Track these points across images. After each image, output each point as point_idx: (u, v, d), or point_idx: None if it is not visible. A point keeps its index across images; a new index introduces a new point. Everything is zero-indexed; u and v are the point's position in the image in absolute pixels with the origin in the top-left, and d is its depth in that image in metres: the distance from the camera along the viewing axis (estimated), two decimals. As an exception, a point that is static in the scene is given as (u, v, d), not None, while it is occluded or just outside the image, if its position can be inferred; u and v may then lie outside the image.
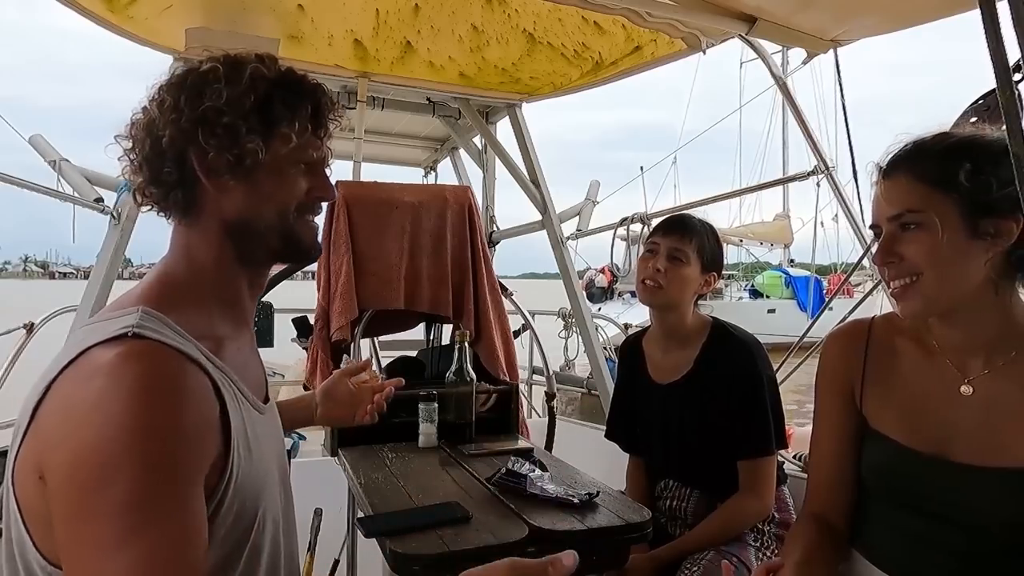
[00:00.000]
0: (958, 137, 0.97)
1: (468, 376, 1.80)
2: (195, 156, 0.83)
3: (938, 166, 0.94)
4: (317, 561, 2.05)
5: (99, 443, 0.67)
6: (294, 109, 0.87)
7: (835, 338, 1.18)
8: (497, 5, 2.36)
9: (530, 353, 4.22)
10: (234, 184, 0.85)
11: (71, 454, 0.68)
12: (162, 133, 0.83)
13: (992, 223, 0.92)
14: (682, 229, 1.63)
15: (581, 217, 3.38)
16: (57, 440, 0.70)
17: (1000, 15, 0.66)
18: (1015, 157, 0.65)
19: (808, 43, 1.90)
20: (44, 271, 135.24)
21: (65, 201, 2.39)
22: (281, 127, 0.86)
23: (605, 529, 1.24)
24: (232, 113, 0.83)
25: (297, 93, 0.88)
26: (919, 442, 1.00)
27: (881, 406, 1.08)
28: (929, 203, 0.94)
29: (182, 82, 0.85)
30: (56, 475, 0.69)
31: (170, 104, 0.83)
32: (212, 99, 0.82)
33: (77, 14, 2.14)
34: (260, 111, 0.84)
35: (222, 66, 0.84)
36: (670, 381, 1.66)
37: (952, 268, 0.93)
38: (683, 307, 1.63)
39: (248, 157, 0.84)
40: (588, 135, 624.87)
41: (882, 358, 1.09)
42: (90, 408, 0.70)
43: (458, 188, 2.46)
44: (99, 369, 0.72)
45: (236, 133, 0.83)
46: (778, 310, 18.49)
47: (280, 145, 0.87)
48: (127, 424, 0.68)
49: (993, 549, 0.94)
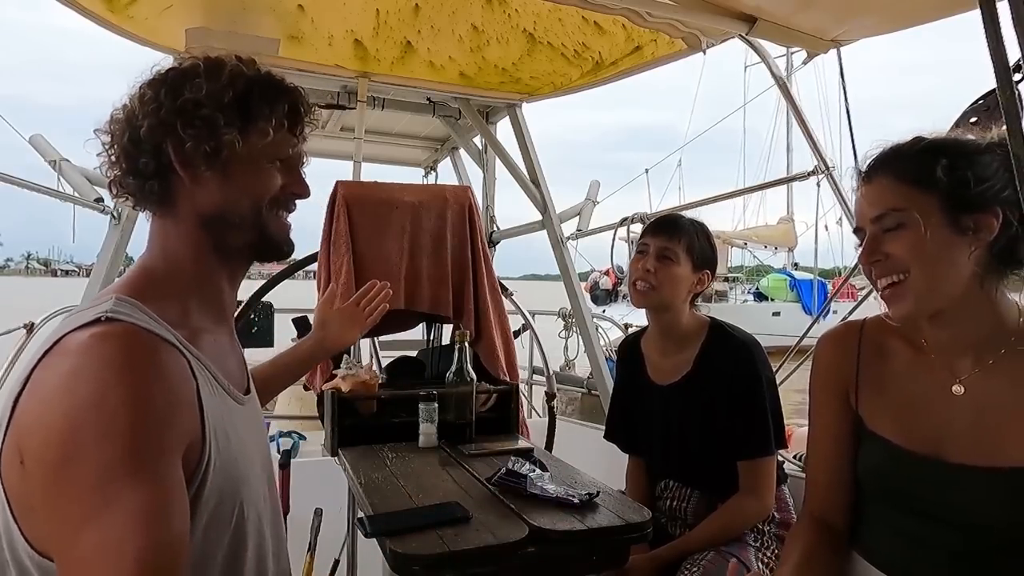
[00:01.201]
0: (932, 138, 1.00)
1: (468, 376, 1.80)
2: (172, 147, 0.85)
3: (916, 165, 0.97)
4: (317, 561, 2.05)
5: (68, 420, 0.68)
6: (272, 105, 0.89)
7: (828, 340, 1.18)
8: (497, 5, 2.36)
9: (530, 353, 4.23)
10: (210, 176, 0.87)
11: (43, 433, 0.69)
12: (140, 124, 0.85)
13: (972, 218, 0.94)
14: (671, 229, 1.63)
15: (581, 217, 3.38)
16: (31, 422, 0.71)
17: (1000, 15, 0.66)
18: (1015, 157, 0.65)
19: (808, 43, 1.90)
20: (46, 269, 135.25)
21: (65, 201, 2.40)
22: (258, 122, 0.88)
23: (605, 529, 1.24)
24: (211, 105, 0.85)
25: (275, 90, 0.91)
26: (913, 443, 1.01)
27: (875, 407, 1.08)
28: (910, 201, 0.96)
29: (163, 78, 0.87)
30: (31, 456, 0.70)
31: (150, 96, 0.85)
32: (192, 92, 0.84)
33: (77, 14, 2.14)
34: (238, 105, 0.87)
35: (202, 64, 0.87)
36: (670, 382, 1.65)
37: (938, 264, 0.95)
38: (677, 307, 1.63)
39: (225, 149, 0.86)
40: (589, 136, 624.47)
41: (874, 359, 1.10)
42: (60, 387, 0.71)
43: (458, 188, 2.46)
44: (71, 350, 0.73)
45: (214, 125, 0.85)
46: (783, 313, 18.53)
47: (257, 139, 0.89)
48: (96, 399, 0.69)
49: (989, 548, 0.94)
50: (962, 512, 0.95)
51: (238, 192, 0.89)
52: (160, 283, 0.86)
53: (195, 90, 0.84)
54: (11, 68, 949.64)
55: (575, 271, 3.24)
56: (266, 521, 0.93)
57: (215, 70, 0.87)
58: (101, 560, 0.64)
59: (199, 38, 2.40)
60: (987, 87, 1.34)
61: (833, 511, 1.14)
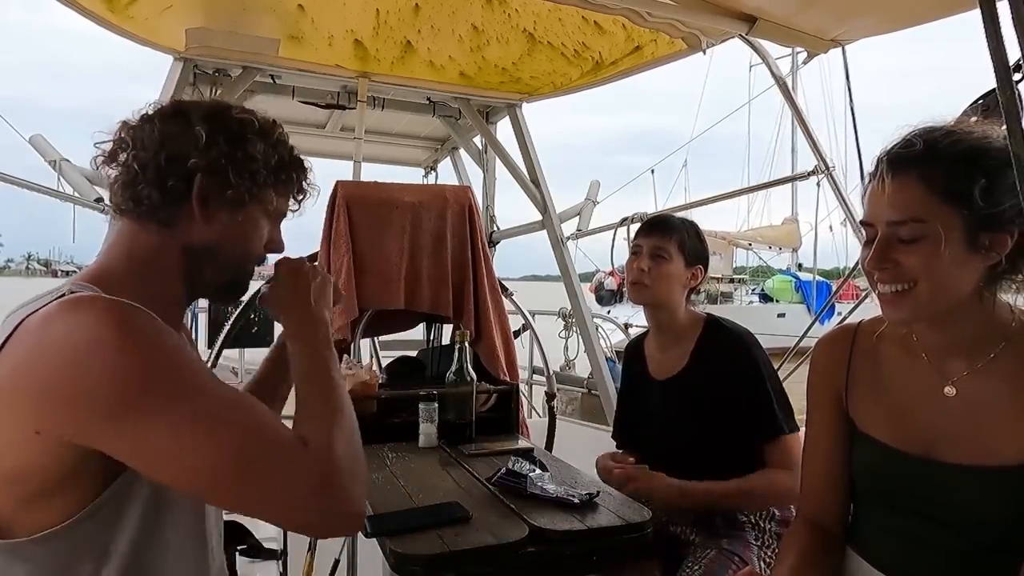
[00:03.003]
0: (970, 142, 0.92)
1: (468, 376, 1.80)
2: (203, 183, 0.89)
3: (952, 175, 0.89)
4: (317, 561, 2.05)
5: (115, 359, 0.72)
6: (298, 176, 1.00)
7: (824, 343, 1.18)
8: (497, 5, 2.36)
9: (530, 353, 4.22)
10: (218, 216, 0.92)
11: (95, 379, 0.71)
12: (186, 152, 0.88)
13: (990, 236, 0.90)
14: (662, 228, 1.67)
15: (581, 217, 3.38)
16: (58, 382, 0.72)
17: (1000, 15, 0.65)
18: (1015, 157, 0.65)
19: (808, 43, 1.91)
20: (47, 269, 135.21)
21: (65, 201, 2.40)
22: (284, 187, 0.98)
23: (605, 529, 1.24)
24: (261, 164, 0.93)
25: (301, 163, 1.01)
26: (906, 444, 1.01)
27: (868, 409, 1.08)
28: (936, 215, 0.89)
29: (223, 122, 0.92)
30: (81, 406, 0.72)
31: (206, 134, 0.89)
32: (250, 147, 0.92)
33: (78, 14, 2.14)
34: (278, 169, 0.96)
35: (257, 122, 0.95)
36: (667, 377, 1.67)
37: (948, 280, 0.92)
38: (673, 303, 1.67)
39: (248, 202, 0.93)
40: (590, 139, 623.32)
41: (867, 362, 1.10)
42: (81, 341, 0.73)
43: (458, 188, 2.46)
44: (61, 316, 0.75)
45: (255, 181, 0.92)
46: (788, 314, 18.51)
47: (273, 200, 0.97)
48: (125, 338, 0.74)
49: (984, 547, 0.94)
50: (956, 511, 0.95)
51: (235, 238, 0.94)
52: (117, 281, 0.87)
53: (252, 147, 0.92)
54: (12, 68, 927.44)
55: (575, 271, 3.24)
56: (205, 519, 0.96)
57: (267, 132, 0.95)
58: (210, 445, 0.74)
59: (199, 38, 2.40)
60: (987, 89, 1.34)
61: (827, 513, 1.13)
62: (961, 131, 0.93)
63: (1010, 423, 0.93)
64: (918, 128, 0.95)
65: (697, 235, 1.71)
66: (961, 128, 0.94)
